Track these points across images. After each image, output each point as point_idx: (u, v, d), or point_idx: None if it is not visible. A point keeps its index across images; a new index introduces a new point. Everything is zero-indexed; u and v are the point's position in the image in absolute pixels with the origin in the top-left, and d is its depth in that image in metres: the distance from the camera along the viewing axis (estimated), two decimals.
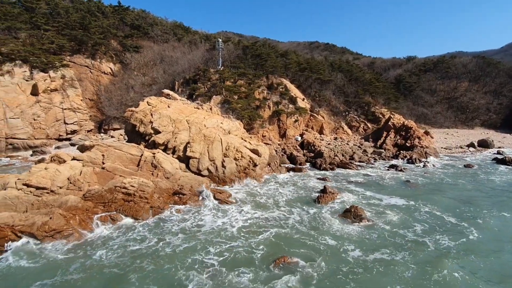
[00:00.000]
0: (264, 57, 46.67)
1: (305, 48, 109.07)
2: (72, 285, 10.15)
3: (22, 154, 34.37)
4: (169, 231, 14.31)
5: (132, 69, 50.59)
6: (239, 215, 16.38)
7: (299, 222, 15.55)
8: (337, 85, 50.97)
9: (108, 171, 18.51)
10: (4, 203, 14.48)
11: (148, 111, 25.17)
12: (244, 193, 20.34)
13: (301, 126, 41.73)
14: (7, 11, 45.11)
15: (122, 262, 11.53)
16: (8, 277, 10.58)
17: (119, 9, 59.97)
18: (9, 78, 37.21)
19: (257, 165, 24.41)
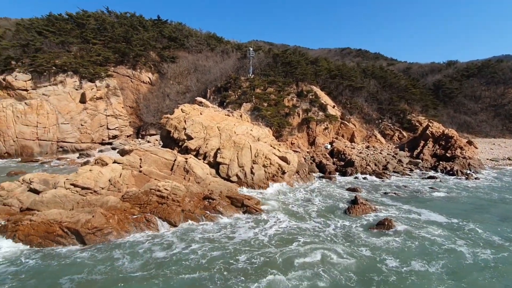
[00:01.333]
0: (294, 65, 46.77)
1: (336, 54, 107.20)
2: (97, 283, 10.82)
3: (70, 156, 37.73)
4: (197, 235, 14.66)
5: (168, 78, 53.48)
6: (268, 222, 16.38)
7: (330, 232, 15.14)
8: (370, 92, 49.34)
9: (145, 174, 19.67)
10: (54, 200, 16.01)
11: (182, 118, 26.39)
12: (272, 200, 20.37)
13: (331, 134, 40.91)
14: (61, 27, 50.44)
15: (152, 262, 12.10)
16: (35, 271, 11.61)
17: (158, 22, 64.07)
18: (62, 87, 41.33)
19: (286, 172, 24.37)
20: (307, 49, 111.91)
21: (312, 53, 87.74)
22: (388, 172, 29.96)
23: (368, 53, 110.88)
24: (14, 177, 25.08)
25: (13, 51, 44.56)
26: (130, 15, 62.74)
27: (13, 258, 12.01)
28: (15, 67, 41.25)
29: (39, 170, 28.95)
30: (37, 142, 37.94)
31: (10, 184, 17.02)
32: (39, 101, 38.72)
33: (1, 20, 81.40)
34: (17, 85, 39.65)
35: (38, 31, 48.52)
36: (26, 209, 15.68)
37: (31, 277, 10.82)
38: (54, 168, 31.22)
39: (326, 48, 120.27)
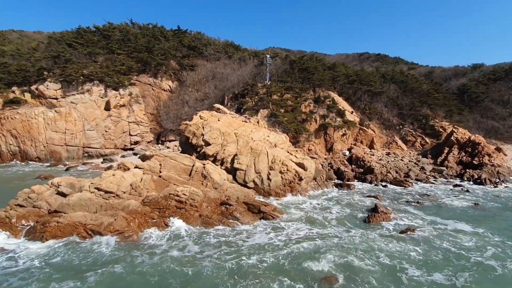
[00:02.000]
0: (311, 71, 46.64)
1: (354, 59, 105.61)
2: (118, 281, 11.17)
3: (95, 161, 39.44)
4: (213, 240, 14.79)
5: (187, 86, 54.97)
6: (285, 228, 16.26)
7: (348, 240, 14.75)
8: (390, 97, 48.12)
9: (164, 179, 20.23)
10: (80, 203, 16.78)
11: (200, 124, 26.96)
12: (289, 207, 20.23)
13: (349, 140, 40.17)
14: (89, 39, 53.42)
15: (170, 265, 12.32)
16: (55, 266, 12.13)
17: (178, 32, 66.31)
18: (88, 95, 43.55)
19: (303, 179, 24.16)
20: (324, 54, 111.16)
21: (329, 59, 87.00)
22: (410, 179, 28.91)
23: (388, 57, 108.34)
24: (43, 180, 26.57)
25: (45, 62, 47.68)
26: (152, 26, 65.40)
27: (41, 258, 12.66)
28: (47, 77, 44.04)
29: (66, 174, 30.49)
30: (65, 147, 40.07)
31: (40, 187, 18.01)
32: (67, 108, 41.00)
33: (34, 34, 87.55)
34: (48, 94, 42.26)
35: (68, 43, 51.67)
36: (54, 211, 16.51)
37: (57, 272, 11.36)
38: (80, 172, 32.76)
39: (344, 54, 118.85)
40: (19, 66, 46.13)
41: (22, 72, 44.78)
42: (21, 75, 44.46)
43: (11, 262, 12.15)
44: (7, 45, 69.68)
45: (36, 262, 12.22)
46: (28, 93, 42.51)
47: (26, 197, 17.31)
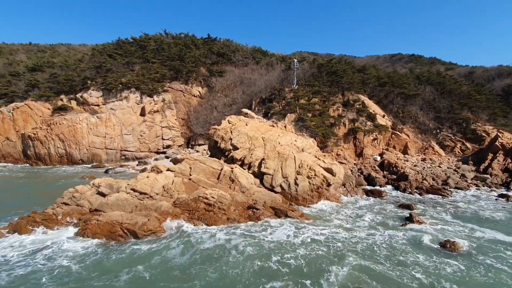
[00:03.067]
0: (340, 74, 45.67)
1: (386, 61, 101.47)
2: (149, 279, 11.73)
3: (131, 163, 41.88)
4: (240, 243, 14.90)
5: (216, 91, 56.54)
6: (312, 235, 15.98)
7: (380, 251, 14.15)
8: (425, 100, 45.49)
9: (194, 182, 20.95)
10: (117, 203, 17.93)
11: (228, 129, 27.57)
12: (316, 212, 19.91)
13: (381, 145, 38.55)
14: (127, 49, 57.21)
15: (196, 263, 12.72)
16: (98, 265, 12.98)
17: (208, 40, 68.64)
18: (126, 102, 46.52)
19: (331, 184, 23.65)
20: (354, 57, 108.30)
21: (359, 61, 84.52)
22: (448, 188, 27.01)
23: (423, 58, 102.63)
24: (85, 181, 28.78)
25: (89, 72, 51.90)
26: (184, 36, 68.42)
27: (81, 252, 13.73)
28: (90, 85, 47.88)
29: (106, 175, 32.73)
30: (105, 150, 43.10)
31: (82, 187, 19.55)
32: (107, 114, 44.16)
33: (80, 46, 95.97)
34: (91, 101, 45.87)
35: (109, 54, 55.80)
36: (95, 210, 17.82)
37: (95, 267, 12.27)
38: (118, 174, 34.98)
39: (374, 55, 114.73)
40: (66, 76, 50.75)
41: (69, 81, 49.18)
42: (68, 84, 48.83)
43: (55, 257, 13.27)
44: (57, 57, 77.12)
45: (77, 258, 13.26)
46: (74, 101, 46.50)
47: (71, 196, 18.87)
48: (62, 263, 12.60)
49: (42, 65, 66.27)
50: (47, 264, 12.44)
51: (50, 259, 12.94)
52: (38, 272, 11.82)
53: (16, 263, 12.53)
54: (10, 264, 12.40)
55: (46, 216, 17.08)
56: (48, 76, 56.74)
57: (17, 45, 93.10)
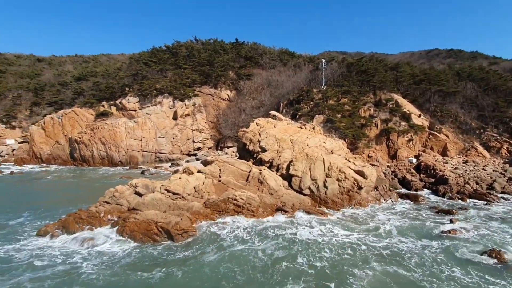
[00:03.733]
0: (371, 73, 44.05)
1: (421, 57, 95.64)
2: (180, 277, 12.24)
3: (164, 165, 43.98)
4: (269, 244, 15.00)
5: (244, 94, 57.43)
6: (341, 238, 15.69)
7: (415, 260, 13.38)
8: (467, 97, 42.22)
9: (223, 184, 21.51)
10: (152, 203, 18.96)
11: (256, 131, 27.89)
12: (347, 216, 19.41)
13: (417, 146, 36.46)
14: (161, 57, 60.30)
15: (225, 263, 13.04)
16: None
17: (236, 44, 69.99)
18: (160, 107, 49.03)
19: (363, 187, 22.90)
20: (386, 54, 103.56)
21: (392, 59, 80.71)
22: (494, 192, 24.82)
23: (463, 52, 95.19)
24: (124, 181, 30.78)
25: (127, 79, 55.54)
26: (213, 41, 70.50)
27: (121, 248, 14.73)
28: (128, 92, 51.21)
29: (142, 176, 34.72)
30: (141, 153, 45.77)
31: (122, 187, 20.94)
32: (143, 119, 46.88)
33: (119, 56, 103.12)
34: (129, 106, 49.01)
35: (145, 62, 59.23)
36: (132, 209, 18.99)
37: (131, 264, 13.10)
38: (152, 175, 36.95)
39: (408, 52, 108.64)
40: (107, 84, 54.83)
41: (109, 89, 53.07)
42: (109, 91, 52.71)
43: (95, 253, 14.31)
44: (99, 67, 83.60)
45: (115, 255, 14.22)
46: (114, 106, 50.04)
47: (112, 195, 20.30)
48: (101, 259, 13.56)
49: (86, 74, 72.30)
50: (87, 260, 13.42)
51: (90, 255, 13.95)
52: (78, 267, 12.80)
53: (59, 258, 13.70)
54: (53, 259, 13.57)
55: (90, 213, 18.56)
56: (91, 84, 61.80)
57: (65, 57, 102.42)
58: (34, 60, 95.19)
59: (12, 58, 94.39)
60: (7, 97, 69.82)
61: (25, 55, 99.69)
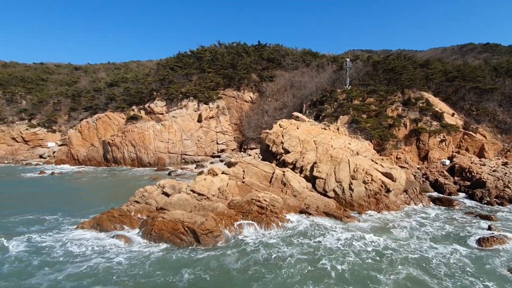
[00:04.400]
0: (399, 71, 42.28)
1: (454, 53, 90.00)
2: (209, 279, 12.51)
3: (189, 166, 45.29)
4: (294, 247, 14.97)
5: (267, 96, 57.61)
6: (367, 244, 15.21)
7: (445, 270, 12.56)
8: (505, 94, 39.11)
9: (247, 185, 21.75)
10: (179, 203, 19.60)
11: (279, 133, 27.90)
12: (374, 220, 18.80)
13: (450, 147, 34.39)
14: (186, 62, 62.29)
15: (250, 265, 13.16)
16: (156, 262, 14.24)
17: (258, 47, 70.46)
18: (185, 110, 50.60)
19: (391, 190, 22.06)
20: (414, 51, 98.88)
21: (421, 55, 76.91)
22: None
23: (500, 46, 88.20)
24: (153, 182, 32.14)
25: (155, 84, 58.02)
26: (236, 44, 71.53)
27: (149, 246, 15.40)
28: (155, 96, 53.48)
29: (168, 177, 36.05)
30: (168, 154, 47.52)
31: (150, 187, 21.89)
32: (170, 122, 48.69)
33: (147, 62, 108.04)
34: (156, 110, 51.15)
35: (171, 67, 61.53)
36: (160, 208, 19.76)
37: (158, 264, 13.64)
38: (179, 176, 38.22)
39: (439, 48, 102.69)
40: (137, 89, 57.63)
41: (139, 93, 55.74)
42: (138, 96, 55.37)
43: (124, 251, 15.01)
44: (129, 73, 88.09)
45: (147, 252, 14.93)
46: (143, 110, 52.49)
47: (141, 195, 21.29)
48: (131, 256, 14.23)
49: (118, 80, 76.48)
50: (118, 257, 14.10)
51: (121, 252, 14.66)
52: (109, 264, 13.46)
53: (92, 253, 14.52)
54: (87, 254, 14.41)
55: (122, 212, 19.59)
56: (122, 90, 65.31)
57: (99, 65, 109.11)
58: (71, 69, 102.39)
59: (53, 67, 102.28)
60: (49, 103, 75.72)
61: (64, 64, 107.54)
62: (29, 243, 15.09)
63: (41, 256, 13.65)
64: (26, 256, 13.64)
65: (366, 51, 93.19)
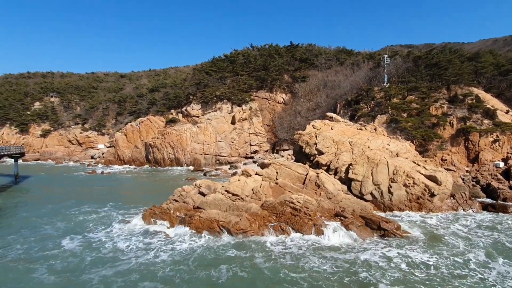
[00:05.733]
0: (443, 65, 39.19)
1: (507, 44, 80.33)
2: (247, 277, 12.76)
3: (223, 167, 46.53)
4: (327, 254, 14.48)
5: (299, 97, 57.06)
6: (410, 254, 14.15)
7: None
8: None
9: (280, 186, 21.80)
10: (214, 203, 20.28)
11: (313, 134, 27.54)
12: (417, 228, 17.63)
13: (505, 148, 30.97)
14: (220, 66, 64.17)
15: (281, 269, 13.15)
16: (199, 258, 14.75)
17: (290, 47, 70.06)
18: (219, 112, 52.17)
19: (435, 195, 20.60)
20: (461, 43, 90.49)
21: (469, 48, 70.21)
22: None
23: None
24: (189, 182, 33.64)
25: (191, 88, 60.72)
26: (268, 46, 71.90)
27: (187, 242, 16.16)
28: (192, 100, 55.95)
29: (204, 177, 37.44)
30: (203, 156, 49.38)
31: (188, 187, 22.96)
32: (205, 124, 50.57)
33: (184, 68, 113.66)
34: (193, 113, 53.46)
35: (206, 71, 63.88)
36: (197, 207, 20.63)
37: (198, 258, 14.27)
38: (213, 176, 39.52)
39: (490, 39, 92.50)
40: (175, 94, 60.85)
41: (177, 98, 58.83)
42: (176, 100, 58.45)
43: (172, 245, 16.01)
44: (168, 79, 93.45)
45: (185, 248, 15.71)
46: (180, 114, 55.27)
47: (179, 194, 22.43)
48: (171, 251, 15.11)
49: (158, 86, 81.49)
50: (159, 251, 15.07)
51: (162, 247, 15.60)
52: (151, 257, 14.52)
53: (137, 246, 15.75)
54: (132, 246, 15.63)
55: (162, 210, 20.84)
56: (162, 94, 69.43)
57: (141, 72, 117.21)
58: (118, 77, 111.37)
59: (102, 76, 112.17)
60: (98, 109, 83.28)
61: (111, 73, 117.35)
62: (83, 239, 16.59)
63: (93, 252, 14.87)
64: (79, 251, 14.92)
65: (405, 46, 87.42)
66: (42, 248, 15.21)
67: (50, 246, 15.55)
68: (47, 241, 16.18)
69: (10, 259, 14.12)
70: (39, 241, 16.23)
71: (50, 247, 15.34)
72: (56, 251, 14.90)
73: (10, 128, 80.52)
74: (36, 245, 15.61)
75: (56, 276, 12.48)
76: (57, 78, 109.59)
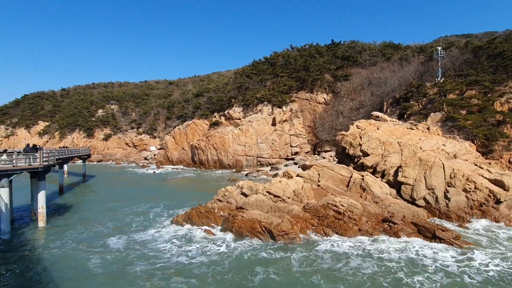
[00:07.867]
0: (509, 55, 34.51)
1: None
2: (279, 280, 12.68)
3: (264, 169, 46.96)
4: (371, 263, 13.61)
5: (342, 96, 55.07)
6: (474, 268, 12.76)
7: None
8: None
9: (322, 189, 21.33)
10: (256, 203, 20.61)
11: (357, 134, 26.40)
12: (481, 238, 15.81)
13: None
14: (260, 68, 65.06)
15: (319, 274, 12.76)
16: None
17: (331, 46, 68.13)
18: (260, 114, 52.88)
19: (502, 202, 18.26)
20: None
21: None
22: None
23: None
24: (232, 182, 34.65)
25: (233, 92, 62.71)
26: (308, 46, 70.84)
27: (229, 241, 16.66)
28: (234, 103, 57.66)
29: (246, 178, 38.24)
30: (245, 157, 50.48)
31: (231, 188, 23.66)
32: (246, 126, 51.69)
33: (226, 72, 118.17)
34: (234, 116, 55.05)
35: (247, 75, 65.35)
36: (239, 207, 21.17)
37: (237, 258, 14.59)
38: (255, 178, 40.15)
39: None
40: (218, 98, 63.45)
41: (219, 101, 61.25)
42: (219, 103, 60.86)
43: (215, 244, 16.60)
44: (211, 84, 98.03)
45: (227, 246, 16.24)
46: (223, 117, 57.36)
47: (223, 195, 23.25)
48: (214, 249, 15.66)
49: (202, 91, 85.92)
50: (203, 249, 15.68)
51: (206, 245, 16.22)
52: (195, 254, 15.22)
53: (185, 244, 16.69)
54: (180, 244, 16.59)
55: (207, 209, 21.82)
56: (206, 99, 72.91)
57: (187, 79, 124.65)
58: (167, 84, 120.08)
59: (153, 84, 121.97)
60: (150, 114, 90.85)
61: (161, 80, 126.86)
62: (129, 237, 17.88)
63: (138, 251, 15.67)
64: (125, 250, 15.89)
65: (462, 36, 78.35)
66: (90, 245, 16.63)
67: (101, 242, 16.88)
68: (97, 239, 17.46)
69: (69, 248, 16.03)
70: (96, 238, 18.01)
71: (99, 244, 16.64)
72: (107, 245, 16.41)
73: (79, 132, 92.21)
74: (93, 241, 17.23)
75: (100, 277, 13.27)
76: (116, 88, 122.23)
